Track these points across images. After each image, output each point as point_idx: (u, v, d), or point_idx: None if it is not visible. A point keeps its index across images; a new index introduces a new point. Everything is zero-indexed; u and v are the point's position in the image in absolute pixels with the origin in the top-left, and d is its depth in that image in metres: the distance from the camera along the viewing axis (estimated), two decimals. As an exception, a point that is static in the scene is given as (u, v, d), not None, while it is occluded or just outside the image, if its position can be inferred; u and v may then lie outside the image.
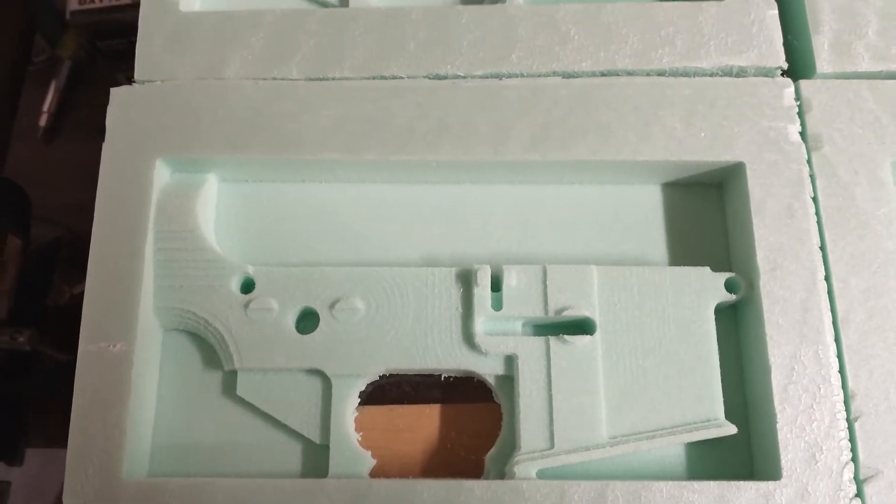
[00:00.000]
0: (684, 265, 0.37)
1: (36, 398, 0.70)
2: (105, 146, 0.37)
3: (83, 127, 0.81)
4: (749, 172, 0.36)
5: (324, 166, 0.37)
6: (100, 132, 0.67)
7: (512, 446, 0.35)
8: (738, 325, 0.37)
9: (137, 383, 0.34)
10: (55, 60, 0.76)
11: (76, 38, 0.74)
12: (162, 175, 0.37)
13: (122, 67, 0.75)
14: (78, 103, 0.80)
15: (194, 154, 0.37)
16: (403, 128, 0.37)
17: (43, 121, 0.77)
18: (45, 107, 0.77)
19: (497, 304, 0.35)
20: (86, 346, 0.34)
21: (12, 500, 0.70)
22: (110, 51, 0.74)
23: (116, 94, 0.38)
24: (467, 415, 0.37)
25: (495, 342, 0.35)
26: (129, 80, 0.38)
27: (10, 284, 0.63)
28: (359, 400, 0.35)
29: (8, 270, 0.63)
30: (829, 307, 0.35)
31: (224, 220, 0.38)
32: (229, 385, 0.36)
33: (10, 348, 0.62)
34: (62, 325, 0.68)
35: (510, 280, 0.35)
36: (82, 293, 0.67)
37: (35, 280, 0.67)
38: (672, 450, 0.35)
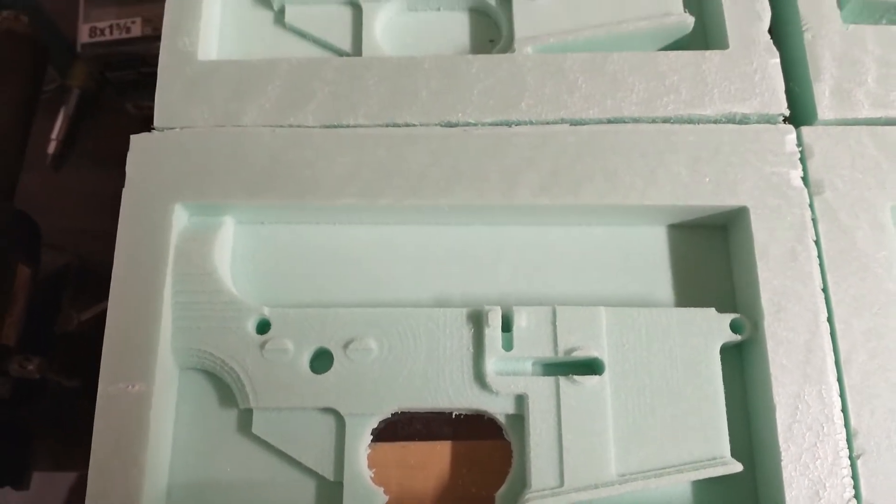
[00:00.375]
0: (690, 306, 0.38)
1: (41, 423, 0.71)
2: (125, 191, 0.38)
3: (91, 155, 0.82)
4: (753, 216, 0.37)
5: (339, 211, 0.38)
6: (107, 160, 0.67)
7: (522, 484, 0.35)
8: (743, 364, 0.38)
9: (155, 423, 0.34)
10: (64, 89, 0.78)
11: (86, 69, 0.75)
12: (180, 219, 0.38)
13: (130, 97, 0.77)
14: (86, 132, 0.81)
15: (212, 199, 0.38)
16: (416, 173, 0.38)
17: (52, 148, 0.79)
18: (54, 134, 0.78)
19: (508, 345, 0.36)
20: (105, 387, 0.34)
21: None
22: (119, 81, 0.75)
23: (136, 140, 0.39)
24: (478, 452, 0.37)
25: (506, 382, 0.36)
26: (138, 109, 0.39)
27: (20, 313, 0.64)
28: (371, 437, 0.36)
29: (18, 300, 0.64)
30: (831, 348, 0.36)
31: (240, 261, 0.39)
32: (245, 423, 0.36)
33: (19, 376, 0.63)
34: (70, 352, 0.68)
35: (520, 321, 0.36)
36: (90, 319, 0.68)
37: (44, 307, 0.68)
38: (679, 487, 0.36)
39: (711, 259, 0.40)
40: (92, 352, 0.66)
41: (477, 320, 0.37)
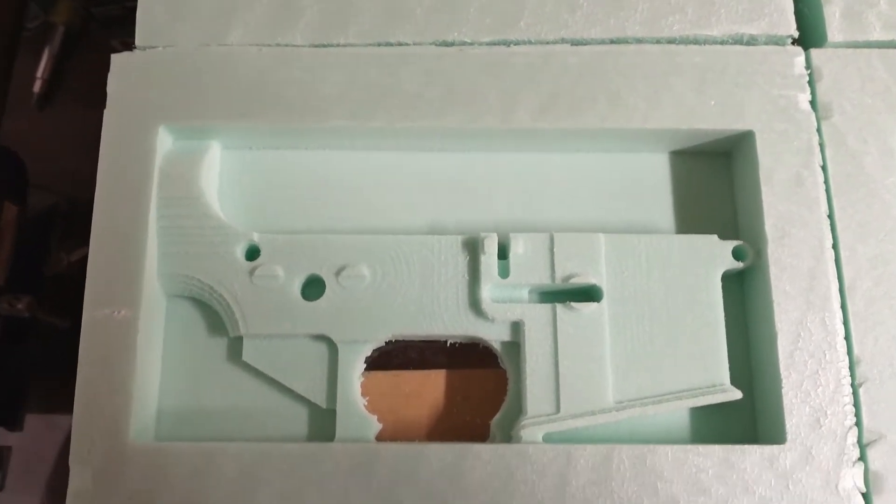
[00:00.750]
0: (691, 233, 0.37)
1: (35, 365, 0.70)
2: (106, 113, 0.36)
3: (77, 94, 0.80)
4: (759, 141, 0.36)
5: (328, 134, 0.37)
6: (94, 99, 0.65)
7: (518, 411, 0.35)
8: (743, 292, 0.37)
9: (142, 349, 0.34)
10: (48, 26, 0.75)
11: (70, 4, 0.73)
12: (164, 142, 0.36)
13: (116, 34, 0.74)
14: (72, 71, 0.78)
15: (197, 122, 0.36)
16: (410, 95, 0.36)
17: (37, 87, 0.76)
18: (39, 73, 0.76)
19: (504, 272, 0.35)
20: (90, 312, 0.34)
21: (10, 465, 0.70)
22: (104, 16, 0.72)
23: (117, 60, 0.37)
24: (472, 380, 0.37)
25: (502, 309, 0.35)
26: (125, 46, 0.37)
27: (7, 252, 0.63)
28: (364, 365, 0.36)
29: (5, 238, 0.63)
30: (836, 275, 0.35)
31: (227, 187, 0.38)
32: (235, 351, 0.36)
33: (9, 315, 0.62)
34: (60, 293, 0.67)
35: (517, 248, 0.35)
36: (79, 260, 0.67)
37: (32, 247, 0.67)
38: (676, 415, 0.36)
39: (714, 187, 0.39)
40: (83, 293, 0.65)
41: (472, 247, 0.36)
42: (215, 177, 0.37)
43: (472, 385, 0.37)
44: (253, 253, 0.36)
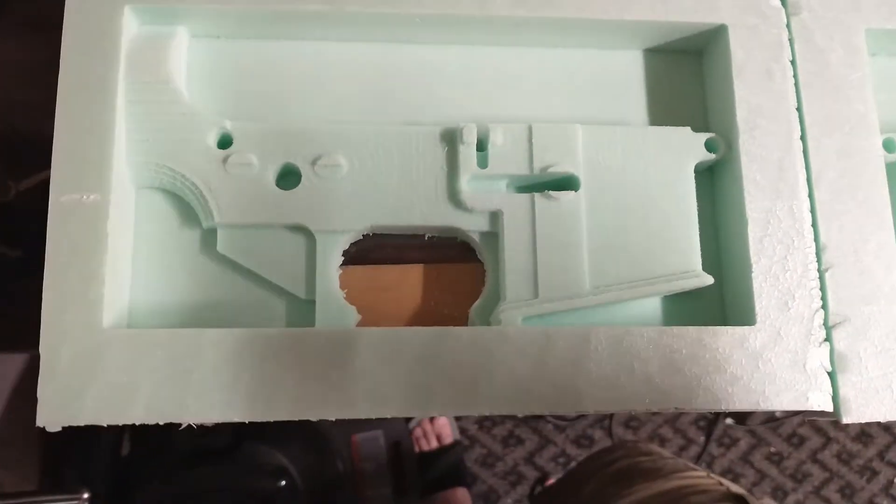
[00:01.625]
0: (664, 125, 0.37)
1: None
2: (68, -8, 0.34)
3: (17, 23, 0.76)
4: (731, 35, 0.37)
5: (301, 20, 0.36)
6: (38, 27, 0.62)
7: (496, 299, 0.35)
8: (714, 184, 0.38)
9: (113, 236, 0.32)
10: (-13, -54, 0.71)
11: (10, -80, 0.69)
12: (130, 25, 0.35)
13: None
14: (11, -4, 0.75)
15: (164, 3, 0.35)
16: (386, -21, 0.36)
17: (-24, 12, 0.72)
18: (-22, -3, 0.72)
19: (483, 163, 0.35)
20: (57, 196, 0.32)
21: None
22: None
23: (78, -65, 0.35)
24: (450, 274, 0.37)
25: (481, 199, 0.35)
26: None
27: (-47, 178, 0.60)
28: (342, 259, 0.35)
29: (-51, 163, 0.60)
30: (804, 165, 0.36)
31: (196, 78, 0.37)
32: (208, 243, 0.35)
33: (-43, 244, 0.60)
34: (10, 222, 0.65)
35: (496, 138, 0.35)
36: (28, 189, 0.64)
37: (-22, 176, 0.64)
38: (649, 302, 0.36)
39: (685, 84, 0.39)
40: (34, 222, 0.63)
41: (451, 138, 0.35)
42: (183, 65, 0.36)
43: (449, 278, 0.37)
44: (225, 141, 0.35)
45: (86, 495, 0.69)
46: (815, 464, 1.49)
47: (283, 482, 0.96)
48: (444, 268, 0.37)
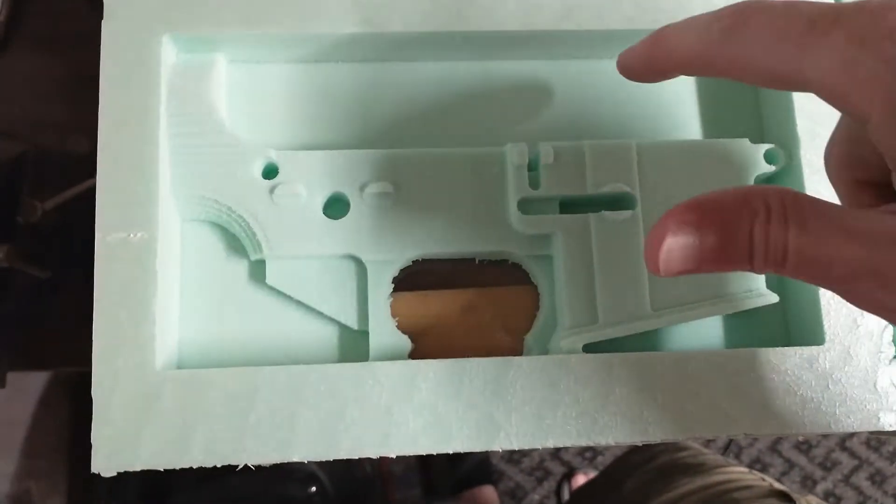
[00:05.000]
0: (718, 138, 0.36)
1: (9, 320, 0.67)
2: (104, 24, 0.33)
3: (37, 37, 0.76)
4: (787, 40, 0.35)
5: (342, 43, 0.35)
6: (56, 42, 0.61)
7: (553, 325, 0.34)
8: (773, 198, 0.37)
9: (162, 274, 0.32)
10: (3, -39, 0.70)
11: (25, -65, 0.68)
12: (168, 54, 0.34)
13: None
14: (31, 11, 0.74)
15: (203, 30, 0.34)
16: (428, -2, 0.34)
17: (-7, 29, 0.72)
18: (-4, 13, 0.71)
19: (534, 184, 0.34)
20: (103, 236, 0.31)
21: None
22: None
23: (112, -36, 0.34)
24: (502, 298, 0.36)
25: (533, 222, 0.34)
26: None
27: (-21, 201, 0.60)
28: (392, 286, 0.34)
29: (-25, 186, 0.59)
30: (867, 175, 0.35)
31: (237, 106, 0.36)
32: (257, 275, 0.34)
33: (-14, 266, 0.59)
34: (37, 243, 0.65)
35: (548, 158, 0.34)
36: (54, 210, 0.64)
37: (4, 196, 0.64)
38: (711, 321, 0.35)
39: (738, 90, 0.38)
40: (59, 243, 0.62)
41: (500, 160, 0.34)
42: (223, 93, 0.35)
43: (501, 302, 0.36)
44: (271, 171, 0.34)
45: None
46: (843, 451, 1.48)
47: (314, 488, 0.96)
48: (495, 292, 0.36)
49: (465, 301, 0.36)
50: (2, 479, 0.86)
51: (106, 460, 0.30)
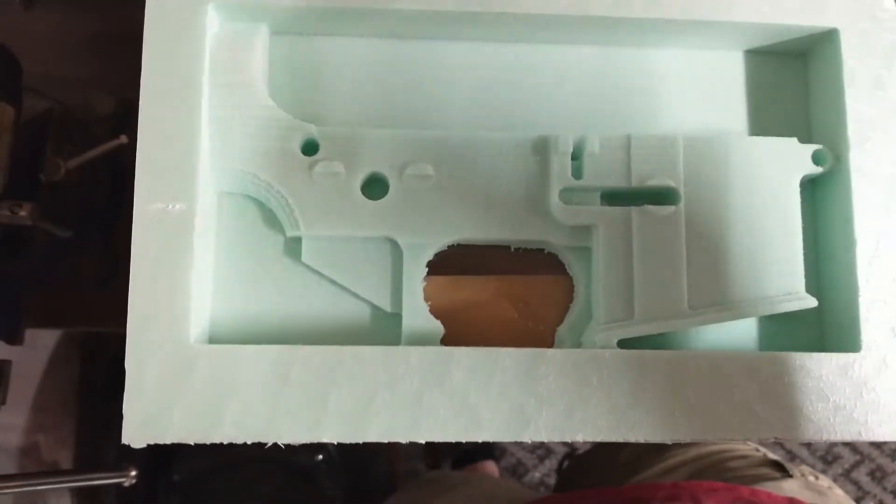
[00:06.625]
0: (765, 136, 0.35)
1: (28, 277, 0.67)
2: (149, -10, 0.33)
3: (58, -3, 0.75)
4: (843, 40, 0.34)
5: (389, 18, 0.34)
6: (81, 1, 0.60)
7: (587, 318, 0.34)
8: (816, 199, 0.36)
9: (199, 246, 0.31)
10: (32, -86, 0.69)
11: None
12: (212, 23, 0.33)
13: (107, -76, 0.69)
14: (58, -34, 0.73)
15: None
16: (481, -23, 0.34)
17: (21, -17, 0.71)
18: (23, -33, 0.70)
19: (577, 173, 0.34)
20: (142, 205, 0.31)
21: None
22: None
23: (158, -71, 0.33)
24: (535, 286, 0.36)
25: (574, 212, 0.33)
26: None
27: (5, 156, 0.59)
28: (427, 269, 0.34)
29: (2, 140, 0.59)
30: (915, 181, 0.34)
31: (278, 78, 0.35)
32: (292, 252, 0.34)
33: (10, 223, 0.59)
34: (59, 201, 0.64)
35: (592, 147, 0.33)
36: (76, 169, 0.63)
37: (27, 154, 0.63)
38: (746, 322, 0.35)
39: (788, 88, 0.37)
40: (81, 202, 0.62)
41: (544, 147, 0.34)
42: (265, 65, 0.35)
43: (533, 291, 0.36)
44: (311, 147, 0.33)
45: (133, 472, 0.69)
46: (845, 446, 1.48)
47: (321, 456, 0.97)
48: (529, 280, 0.36)
49: (497, 287, 0.36)
50: (12, 431, 0.87)
51: (137, 431, 0.30)
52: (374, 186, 0.33)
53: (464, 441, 0.31)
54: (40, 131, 0.69)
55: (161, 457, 0.94)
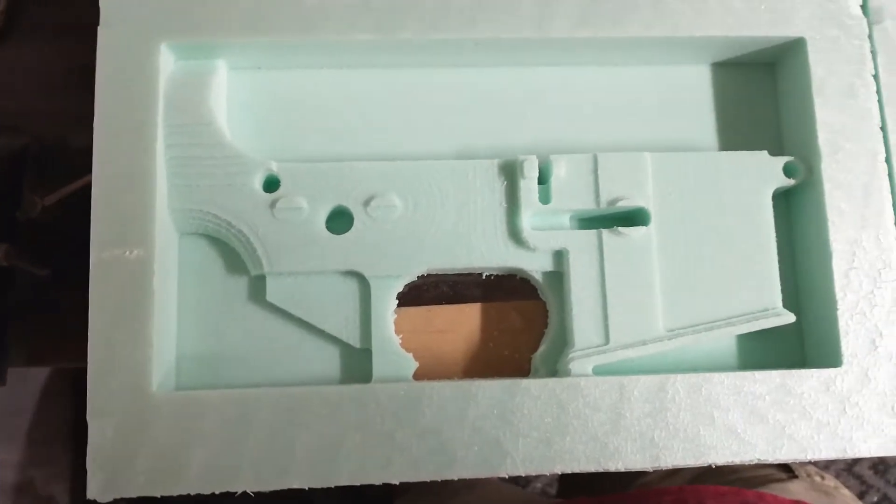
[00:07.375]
0: (736, 149, 0.35)
1: (9, 317, 0.66)
2: (101, 31, 0.32)
3: (38, 28, 0.74)
4: (810, 49, 0.34)
5: (349, 49, 0.34)
6: (57, 33, 0.60)
7: (562, 344, 0.33)
8: (790, 211, 0.35)
9: (159, 292, 0.31)
10: (1, -49, 0.69)
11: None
12: (167, 63, 0.33)
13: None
14: (32, 0, 0.72)
15: (202, 37, 0.32)
16: (438, 3, 0.33)
17: (-8, 19, 0.70)
18: (-5, 3, 0.70)
19: (545, 198, 0.33)
20: (99, 253, 0.30)
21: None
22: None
23: (108, -31, 0.33)
24: (508, 313, 0.35)
25: (544, 237, 0.33)
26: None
27: (-22, 196, 0.58)
28: (397, 301, 0.33)
29: (-25, 181, 0.58)
30: (889, 190, 0.33)
31: (237, 113, 0.35)
32: (257, 291, 0.33)
33: (-15, 265, 0.58)
34: (37, 239, 0.64)
35: (559, 170, 0.33)
36: (55, 205, 0.63)
37: (5, 191, 0.63)
38: (725, 341, 0.34)
39: (757, 99, 0.37)
40: (60, 239, 0.61)
41: (510, 171, 0.33)
42: (223, 101, 0.34)
43: (508, 318, 0.35)
44: (272, 184, 0.33)
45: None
46: (849, 444, 1.47)
47: None
48: (502, 307, 0.35)
49: (470, 316, 0.35)
50: (5, 468, 0.86)
51: (101, 486, 0.29)
52: (339, 220, 0.33)
53: (439, 480, 0.30)
54: (16, 170, 0.68)
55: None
